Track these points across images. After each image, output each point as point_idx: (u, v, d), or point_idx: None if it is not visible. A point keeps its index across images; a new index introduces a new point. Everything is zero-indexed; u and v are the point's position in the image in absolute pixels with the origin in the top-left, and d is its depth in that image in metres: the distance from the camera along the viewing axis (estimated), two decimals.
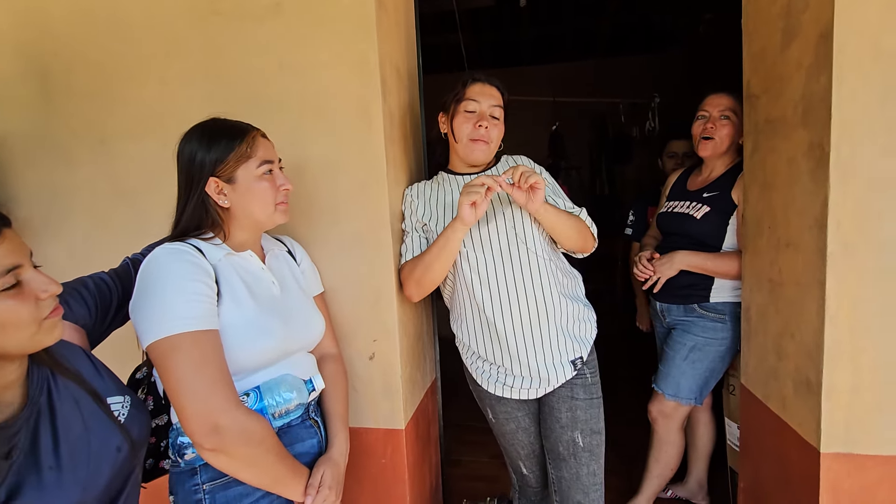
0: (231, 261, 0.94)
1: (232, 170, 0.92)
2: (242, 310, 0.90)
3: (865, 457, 1.07)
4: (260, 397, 0.91)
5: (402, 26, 1.41)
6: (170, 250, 0.88)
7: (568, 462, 1.25)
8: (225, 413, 0.80)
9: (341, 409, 1.08)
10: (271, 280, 1.00)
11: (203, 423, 0.79)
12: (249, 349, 0.90)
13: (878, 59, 0.98)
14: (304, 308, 1.05)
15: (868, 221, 1.02)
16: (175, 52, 1.29)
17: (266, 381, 0.93)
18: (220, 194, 0.93)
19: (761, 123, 1.30)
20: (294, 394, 0.94)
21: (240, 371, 0.90)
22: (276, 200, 0.97)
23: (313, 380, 0.99)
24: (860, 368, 1.05)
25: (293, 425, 0.97)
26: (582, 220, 1.26)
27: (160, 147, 1.33)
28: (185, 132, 0.95)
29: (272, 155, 0.97)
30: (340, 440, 1.04)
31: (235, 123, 0.96)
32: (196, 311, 0.83)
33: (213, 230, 0.95)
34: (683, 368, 1.62)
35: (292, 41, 1.22)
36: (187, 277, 0.84)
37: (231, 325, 0.88)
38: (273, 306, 0.96)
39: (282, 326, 0.95)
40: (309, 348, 1.06)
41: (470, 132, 1.24)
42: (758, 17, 1.29)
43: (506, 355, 1.21)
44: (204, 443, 0.80)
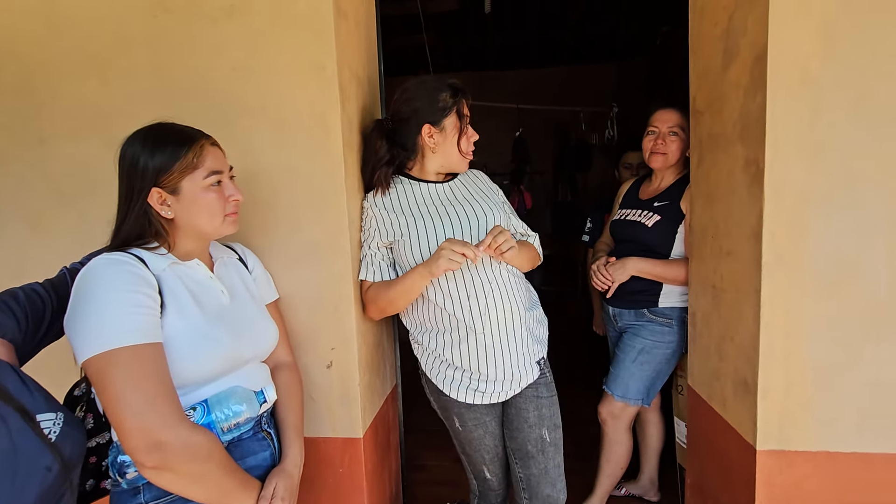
0: (176, 270, 0.91)
1: (176, 180, 0.89)
2: (188, 321, 0.88)
3: (795, 453, 1.14)
4: (207, 411, 0.88)
5: (361, 30, 1.40)
6: (108, 260, 0.84)
7: (536, 458, 1.30)
8: (167, 429, 0.78)
9: (295, 419, 1.06)
10: (220, 289, 0.97)
11: (144, 440, 0.76)
12: (196, 361, 0.87)
13: (805, 82, 1.06)
14: (256, 317, 1.02)
15: (798, 233, 1.09)
16: (119, 49, 1.24)
17: (214, 393, 0.90)
18: (163, 205, 0.89)
19: (705, 138, 1.37)
20: (244, 406, 0.92)
21: (186, 384, 0.87)
22: (225, 212, 0.94)
23: (265, 391, 0.97)
24: (791, 370, 1.13)
25: (244, 438, 0.95)
26: (535, 249, 1.39)
27: (104, 148, 1.27)
28: (129, 135, 0.91)
29: (222, 164, 0.94)
30: (294, 451, 1.02)
31: (183, 129, 0.92)
32: (135, 324, 0.80)
33: (157, 240, 0.91)
34: (632, 370, 1.68)
35: (246, 44, 1.19)
36: (126, 288, 0.81)
37: (176, 338, 0.85)
38: (222, 316, 0.94)
39: (231, 336, 0.93)
40: (261, 358, 1.04)
41: (467, 148, 1.30)
42: (702, 37, 1.37)
43: (482, 360, 1.24)
44: (145, 461, 0.77)
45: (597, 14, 4.09)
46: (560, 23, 4.31)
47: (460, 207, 1.28)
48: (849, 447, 1.13)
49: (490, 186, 1.38)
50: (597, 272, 1.72)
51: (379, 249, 1.29)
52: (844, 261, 1.09)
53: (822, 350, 1.12)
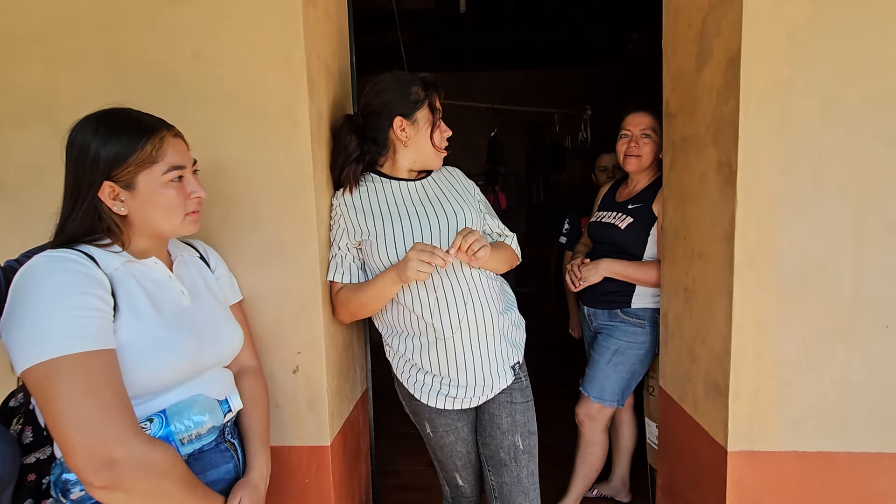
0: (131, 269, 0.84)
1: (132, 175, 0.81)
2: (144, 324, 0.81)
3: (765, 453, 1.15)
4: (166, 422, 0.81)
5: (332, 20, 1.35)
6: (52, 258, 0.76)
7: (509, 466, 1.26)
8: (120, 444, 0.71)
9: (261, 428, 1.00)
10: (180, 289, 0.90)
11: (93, 457, 0.69)
12: (153, 368, 0.80)
13: (778, 85, 1.07)
14: (219, 319, 0.96)
15: (769, 235, 1.10)
16: (67, 31, 1.15)
17: (174, 403, 0.84)
18: (115, 200, 0.81)
19: (678, 141, 1.38)
20: (206, 416, 0.85)
21: (143, 393, 0.80)
22: (186, 210, 0.86)
23: (229, 399, 0.91)
24: (762, 371, 1.14)
25: (206, 450, 0.88)
26: (512, 250, 1.35)
27: (48, 136, 1.17)
28: (80, 120, 0.83)
29: (184, 159, 0.87)
30: (260, 462, 0.96)
31: (141, 117, 0.84)
32: (84, 329, 0.72)
33: (108, 236, 0.84)
34: (607, 371, 1.68)
35: (208, 29, 1.12)
36: (73, 290, 0.74)
37: (130, 343, 0.78)
38: (182, 319, 0.87)
39: (192, 341, 0.86)
40: (224, 363, 0.97)
41: (441, 142, 1.26)
42: (675, 39, 1.37)
43: (452, 365, 1.20)
44: (94, 480, 0.70)
45: (570, 18, 4.13)
46: (534, 25, 4.33)
47: (431, 207, 1.24)
48: (816, 447, 1.15)
49: (465, 184, 1.34)
50: (570, 271, 1.72)
51: (349, 250, 1.24)
52: (813, 262, 1.11)
53: (791, 351, 1.13)
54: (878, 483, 1.15)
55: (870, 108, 1.07)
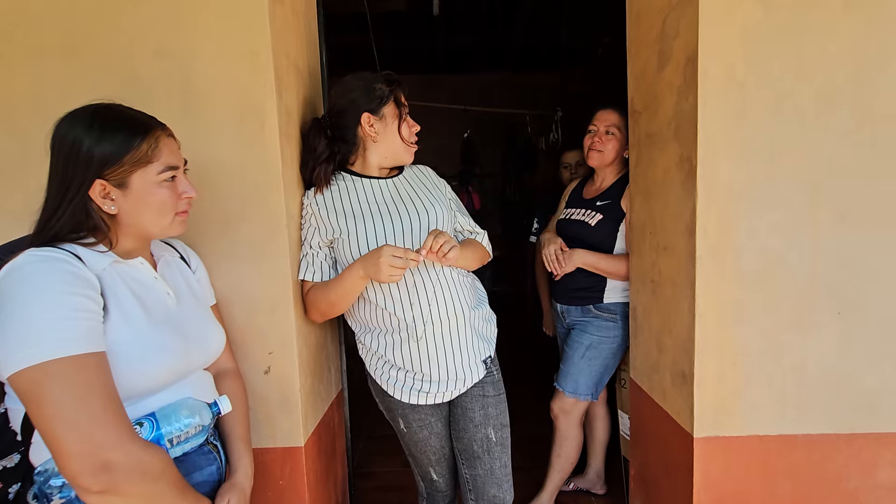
0: (118, 269, 0.82)
1: (126, 174, 0.78)
2: (133, 326, 0.79)
3: (729, 438, 1.19)
4: (156, 425, 0.80)
5: (301, 19, 1.34)
6: (39, 257, 0.73)
7: (482, 459, 1.28)
8: (116, 448, 0.69)
9: (243, 430, 0.99)
10: (166, 291, 0.88)
11: (89, 462, 0.67)
12: (144, 370, 0.79)
13: (733, 83, 1.12)
14: (202, 320, 0.95)
15: (728, 227, 1.15)
16: (23, 26, 1.11)
17: (162, 406, 0.82)
18: (105, 199, 0.79)
19: (643, 137, 1.42)
20: (196, 418, 0.84)
21: (132, 396, 0.78)
22: (176, 210, 0.85)
23: (219, 402, 0.89)
24: (724, 359, 1.18)
25: (189, 453, 0.86)
26: (483, 247, 1.36)
27: (6, 137, 1.14)
28: (69, 113, 0.79)
29: (178, 159, 0.85)
30: (245, 464, 0.96)
31: (136, 115, 0.82)
32: (75, 332, 0.70)
33: (94, 235, 0.81)
34: (581, 366, 1.71)
35: (172, 26, 1.10)
36: (63, 291, 0.71)
37: (121, 345, 0.76)
38: (169, 320, 0.86)
39: (180, 342, 0.85)
40: (208, 364, 0.96)
41: (409, 135, 1.27)
42: (639, 40, 1.42)
43: (425, 360, 1.20)
44: (91, 485, 0.67)
45: (542, 21, 4.20)
46: (507, 27, 4.39)
47: (402, 205, 1.24)
48: (775, 430, 1.20)
49: (436, 182, 1.36)
50: (550, 255, 1.72)
51: (320, 248, 1.23)
52: (770, 253, 1.16)
53: (751, 339, 1.18)
54: (835, 462, 1.21)
55: (819, 104, 1.12)
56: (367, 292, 1.20)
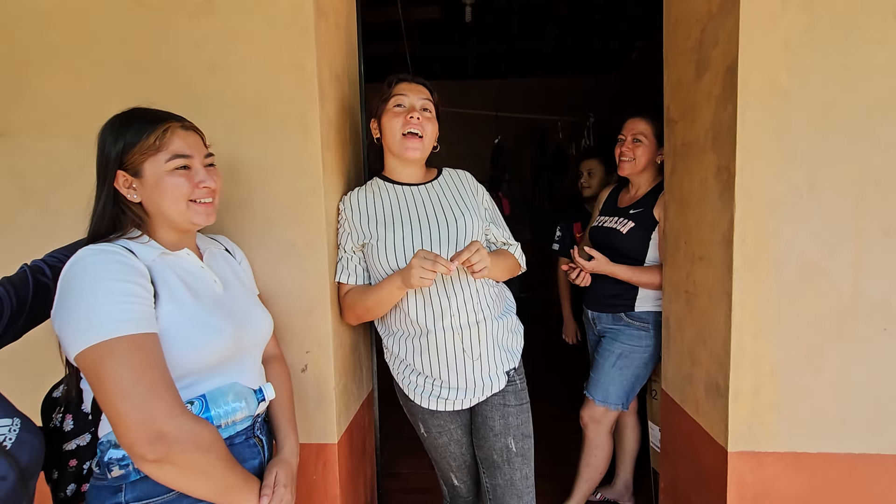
0: (166, 260, 0.88)
1: (138, 162, 0.85)
2: (184, 309, 0.84)
3: (765, 454, 1.17)
4: (206, 406, 0.85)
5: (342, 31, 1.40)
6: (96, 250, 0.80)
7: (502, 469, 1.27)
8: (170, 419, 0.74)
9: (288, 412, 1.04)
10: (213, 279, 0.94)
11: (145, 431, 0.72)
12: (196, 351, 0.84)
13: (775, 93, 1.10)
14: (251, 305, 1.00)
15: (767, 239, 1.13)
16: (89, 42, 1.20)
17: (212, 389, 0.87)
18: (129, 188, 0.86)
19: (679, 146, 1.41)
20: (242, 403, 0.88)
21: (185, 375, 0.84)
22: (191, 197, 0.89)
23: (263, 389, 0.94)
24: (761, 372, 1.15)
25: (236, 443, 0.91)
26: (514, 259, 1.34)
27: (72, 144, 1.23)
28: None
29: (192, 149, 0.89)
30: (291, 441, 1.00)
31: (152, 112, 0.89)
32: (130, 314, 0.76)
33: (137, 227, 0.88)
34: (612, 375, 1.70)
35: (225, 41, 1.17)
36: (118, 278, 0.78)
37: (173, 327, 0.82)
38: (218, 303, 0.91)
39: (231, 324, 0.90)
40: (260, 346, 1.01)
41: (402, 126, 1.21)
42: (675, 49, 1.41)
43: (444, 368, 1.22)
44: (147, 454, 0.73)
45: (574, 27, 4.18)
46: (538, 34, 4.39)
47: (433, 212, 1.25)
48: (815, 448, 1.16)
49: (472, 189, 1.34)
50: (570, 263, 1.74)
51: (354, 253, 1.26)
52: (811, 265, 1.13)
53: (790, 352, 1.15)
54: (879, 484, 1.16)
55: (865, 115, 1.09)
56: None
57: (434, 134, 1.27)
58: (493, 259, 1.21)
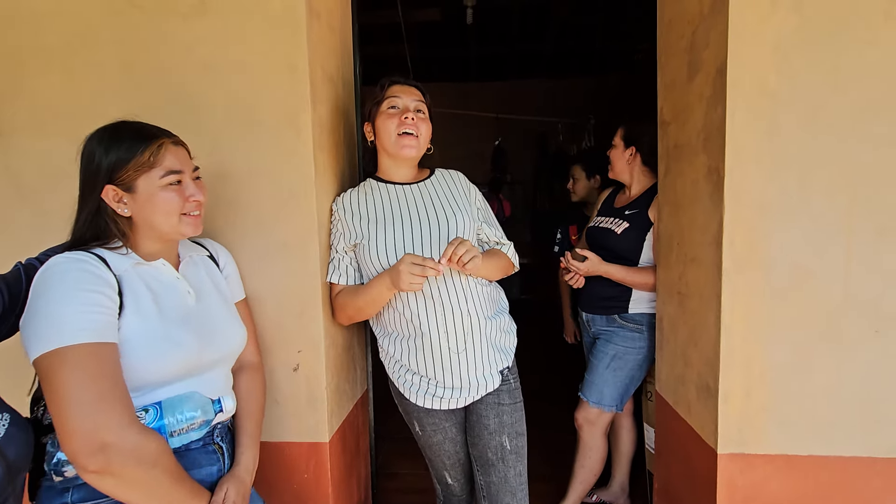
0: (139, 271, 0.89)
1: (131, 178, 0.86)
2: (148, 321, 0.86)
3: (755, 456, 1.16)
4: (160, 414, 0.85)
5: (336, 33, 1.41)
6: (66, 258, 0.82)
7: (496, 466, 1.28)
8: (113, 431, 0.74)
9: (252, 425, 1.04)
10: (186, 289, 0.95)
11: (87, 441, 0.73)
12: (153, 363, 0.85)
13: (764, 94, 1.10)
14: (224, 318, 1.00)
15: (757, 240, 1.13)
16: (84, 44, 1.21)
17: (170, 397, 0.88)
18: (119, 203, 0.87)
19: (671, 148, 1.41)
20: (198, 413, 0.89)
21: (143, 386, 0.85)
22: (182, 211, 0.91)
23: (222, 400, 0.94)
24: (751, 374, 1.15)
25: (192, 448, 0.91)
26: (507, 258, 1.35)
27: (67, 144, 1.20)
28: (91, 133, 0.89)
29: (183, 164, 0.92)
30: (248, 457, 1.00)
31: (143, 127, 0.90)
32: (90, 323, 0.77)
33: (119, 238, 0.89)
34: (606, 376, 1.70)
35: (217, 42, 1.18)
36: (82, 287, 0.79)
37: (134, 338, 0.83)
38: (186, 318, 0.92)
39: (194, 338, 0.90)
40: (229, 359, 1.01)
41: (396, 127, 1.23)
42: (669, 50, 1.41)
43: (438, 367, 1.22)
44: (87, 464, 0.73)
45: (575, 29, 4.19)
46: (540, 36, 4.40)
47: (424, 211, 1.26)
48: (806, 450, 1.16)
49: (465, 189, 1.34)
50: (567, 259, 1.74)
51: (346, 253, 1.27)
52: (801, 267, 1.13)
53: (780, 354, 1.15)
54: (870, 488, 1.16)
55: (856, 115, 1.09)
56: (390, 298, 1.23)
57: (428, 134, 1.29)
58: (485, 258, 1.23)
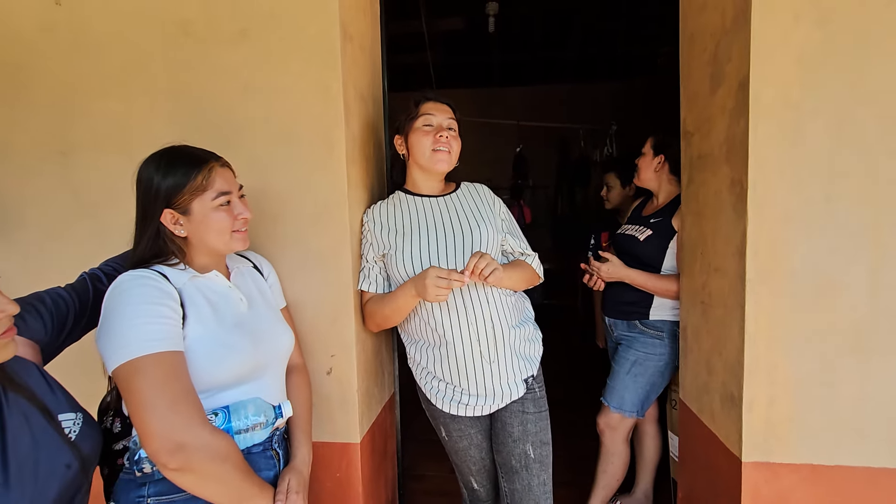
0: (196, 283, 0.96)
1: (187, 202, 0.93)
2: (208, 329, 0.93)
3: (780, 465, 1.17)
4: (228, 418, 0.93)
5: (367, 52, 1.48)
6: (133, 276, 0.90)
7: (520, 474, 1.30)
8: (188, 431, 0.81)
9: (304, 422, 1.11)
10: (239, 297, 1.02)
11: (166, 441, 0.80)
12: (216, 367, 0.92)
13: (787, 107, 1.11)
14: (273, 322, 1.07)
15: (781, 251, 1.14)
16: (139, 69, 1.31)
17: (235, 401, 0.95)
18: (175, 224, 0.94)
19: (695, 158, 1.42)
20: (261, 417, 0.96)
21: (209, 389, 0.92)
22: (233, 229, 0.98)
23: (282, 406, 1.01)
24: (775, 383, 1.16)
25: (253, 452, 0.98)
26: (532, 269, 1.37)
27: (124, 160, 1.33)
28: (146, 158, 0.96)
29: (231, 185, 0.99)
30: (304, 451, 1.07)
31: (193, 152, 0.97)
32: (158, 334, 0.85)
33: (176, 256, 0.97)
34: (626, 382, 1.72)
35: (258, 66, 1.26)
36: (150, 301, 0.87)
37: (197, 346, 0.90)
38: (241, 324, 0.99)
39: (249, 342, 0.97)
40: (281, 361, 1.08)
41: (431, 143, 1.29)
42: (691, 63, 1.43)
43: (463, 376, 1.27)
44: (168, 462, 0.80)
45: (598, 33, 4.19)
46: (562, 42, 4.41)
47: (450, 223, 1.31)
48: (832, 460, 1.16)
49: (489, 201, 1.39)
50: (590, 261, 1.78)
51: (375, 262, 1.33)
52: (826, 278, 1.13)
53: (805, 364, 1.15)
54: None
55: (881, 127, 1.10)
56: (417, 307, 1.28)
57: (458, 150, 1.35)
58: (508, 269, 1.27)
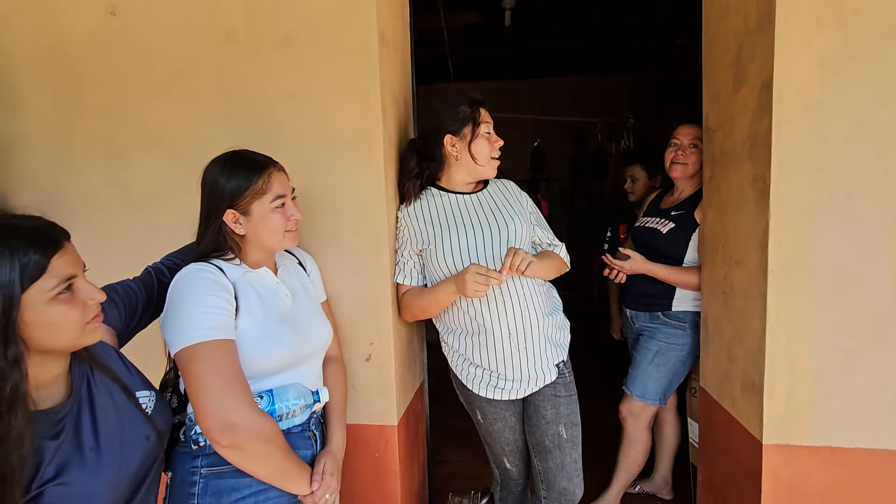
0: (248, 278, 1.05)
1: (248, 204, 1.02)
2: (257, 321, 1.02)
3: (799, 447, 1.23)
4: (272, 400, 1.02)
5: (398, 52, 1.54)
6: (195, 269, 0.99)
7: (553, 453, 1.40)
8: (237, 412, 0.91)
9: (339, 409, 1.20)
10: (285, 293, 1.11)
11: (218, 420, 0.90)
12: (263, 355, 1.01)
13: (810, 107, 1.16)
14: (314, 316, 1.16)
15: (802, 245, 1.19)
16: (186, 75, 1.39)
17: (278, 386, 1.04)
18: (236, 223, 1.03)
19: (717, 154, 1.47)
20: (301, 401, 1.05)
21: (255, 375, 1.01)
22: (285, 229, 1.07)
23: (320, 391, 1.11)
24: (795, 371, 1.22)
25: (292, 433, 1.07)
26: (560, 259, 1.46)
27: (170, 162, 1.43)
28: (212, 160, 1.05)
29: (286, 189, 1.07)
30: (338, 436, 1.15)
31: (255, 157, 1.06)
32: (214, 323, 0.94)
33: (232, 251, 1.06)
34: (649, 371, 1.78)
35: (300, 72, 1.33)
36: (208, 293, 0.96)
37: (247, 336, 0.99)
38: (286, 317, 1.07)
39: (293, 334, 1.06)
40: (320, 351, 1.17)
41: (490, 151, 1.39)
42: (714, 62, 1.47)
43: (500, 361, 1.35)
44: (220, 439, 0.90)
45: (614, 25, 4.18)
46: (578, 33, 4.41)
47: (485, 218, 1.39)
48: (851, 443, 1.21)
49: (517, 196, 1.47)
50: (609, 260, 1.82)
51: (411, 257, 1.41)
52: (846, 271, 1.18)
53: (825, 355, 1.20)
54: None
55: None
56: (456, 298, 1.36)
57: None
58: (540, 260, 1.34)
